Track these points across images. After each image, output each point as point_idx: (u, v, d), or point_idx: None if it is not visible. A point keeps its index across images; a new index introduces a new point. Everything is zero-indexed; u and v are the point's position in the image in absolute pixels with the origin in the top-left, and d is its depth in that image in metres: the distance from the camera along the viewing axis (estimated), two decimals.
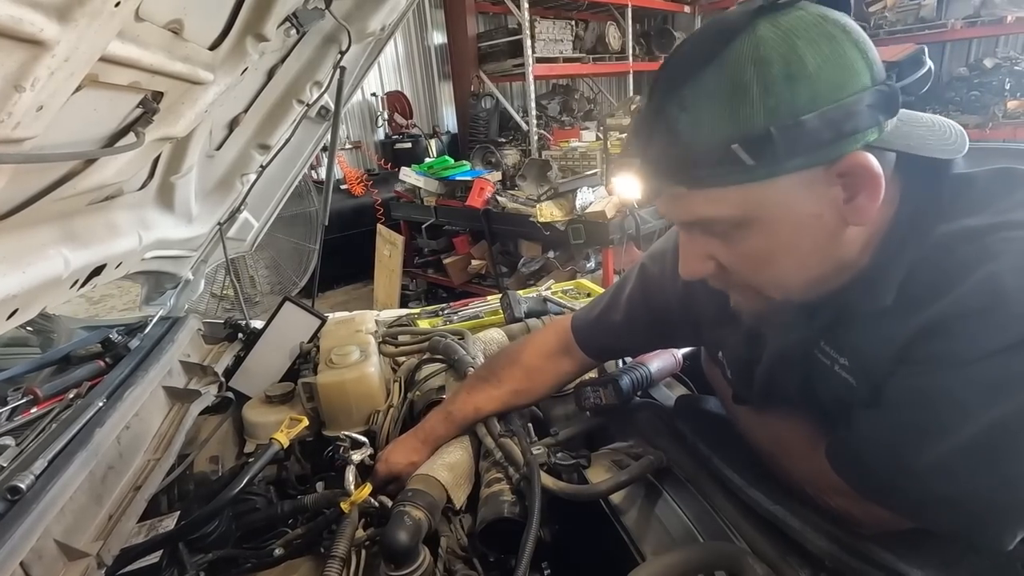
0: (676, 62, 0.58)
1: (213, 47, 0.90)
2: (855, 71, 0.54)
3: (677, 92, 0.56)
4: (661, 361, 1.19)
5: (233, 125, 1.30)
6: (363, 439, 1.04)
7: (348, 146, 6.23)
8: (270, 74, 1.26)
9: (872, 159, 0.55)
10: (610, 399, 1.07)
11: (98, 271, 1.05)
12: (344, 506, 0.92)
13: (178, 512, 0.97)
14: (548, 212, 3.76)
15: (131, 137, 0.82)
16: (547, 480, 0.90)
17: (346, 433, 1.05)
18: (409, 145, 6.04)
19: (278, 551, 0.95)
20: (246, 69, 1.02)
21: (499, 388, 1.06)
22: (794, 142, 0.52)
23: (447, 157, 5.06)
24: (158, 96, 0.84)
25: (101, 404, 0.99)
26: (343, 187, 5.46)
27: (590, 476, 0.98)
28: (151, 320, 1.40)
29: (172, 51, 0.76)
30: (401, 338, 1.50)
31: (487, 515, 0.89)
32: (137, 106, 0.81)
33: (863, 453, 0.66)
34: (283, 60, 1.25)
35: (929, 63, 0.58)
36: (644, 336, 1.02)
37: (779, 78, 0.52)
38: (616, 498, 0.94)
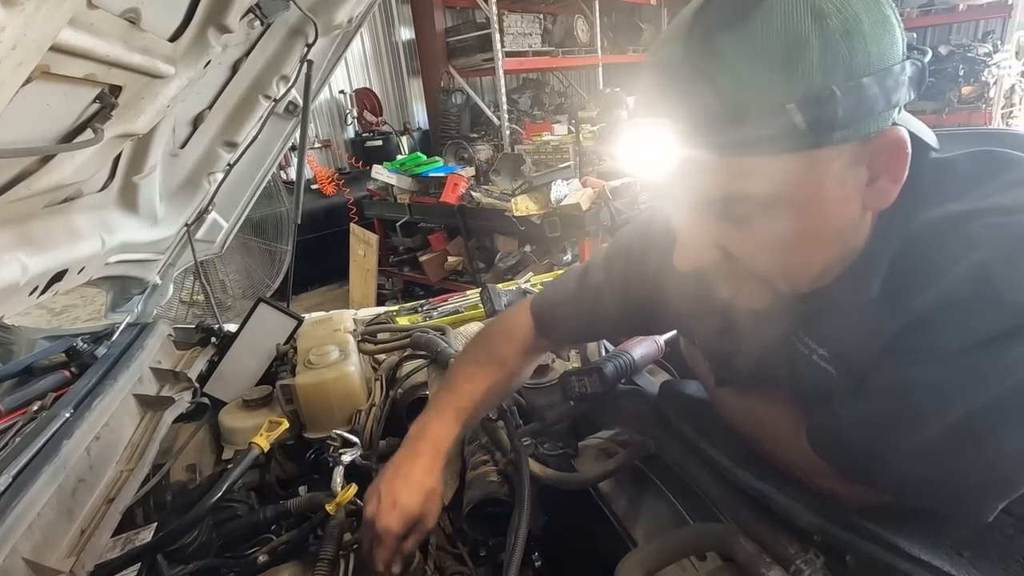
0: (710, 7, 0.51)
1: (173, 39, 0.86)
2: (897, 39, 0.50)
3: (714, 42, 0.49)
4: (644, 348, 1.19)
5: (197, 122, 1.25)
6: (354, 439, 1.01)
7: (317, 145, 6.11)
8: (234, 68, 1.21)
9: (907, 136, 0.52)
10: (595, 387, 1.06)
11: (59, 277, 1.00)
12: (329, 508, 0.90)
13: (155, 524, 0.93)
14: (523, 206, 3.76)
15: (88, 134, 0.78)
16: (535, 467, 0.89)
17: (337, 432, 1.02)
18: (380, 143, 5.96)
19: (262, 558, 0.93)
20: (209, 62, 0.98)
21: (502, 371, 0.96)
22: (853, 106, 0.48)
23: (419, 154, 5.01)
24: (116, 90, 0.80)
25: (68, 415, 0.95)
26: (314, 187, 5.36)
27: (578, 466, 0.98)
28: (118, 327, 1.35)
29: (129, 42, 0.73)
30: (381, 336, 1.47)
31: (474, 496, 0.87)
32: (94, 101, 0.78)
33: (846, 440, 0.65)
34: (247, 54, 1.20)
35: (930, 51, 0.55)
36: (613, 329, 1.00)
37: (838, 33, 0.47)
38: (605, 486, 0.94)
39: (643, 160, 0.57)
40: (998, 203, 0.54)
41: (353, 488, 0.91)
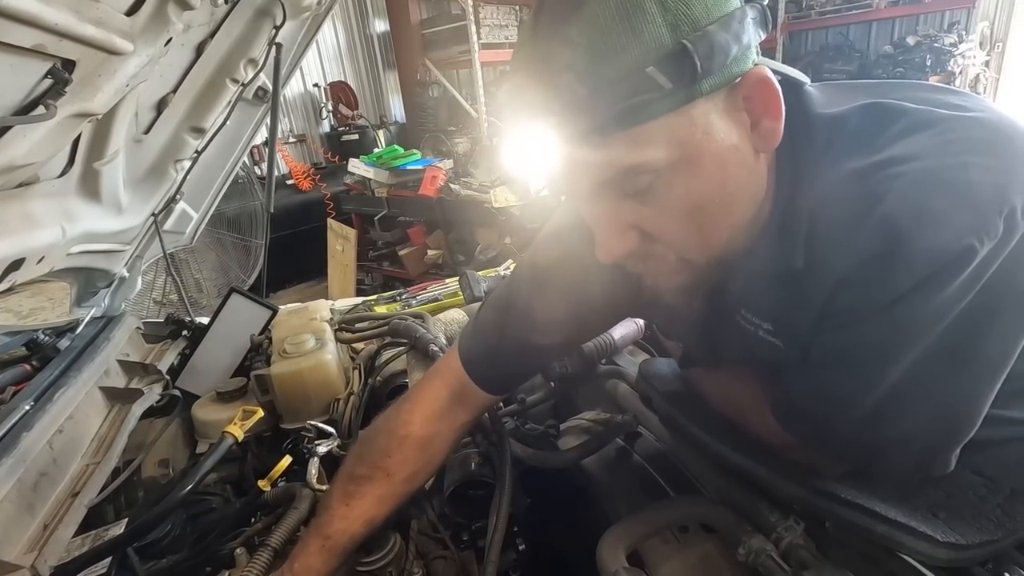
0: (547, 5, 0.53)
1: (130, 12, 0.82)
2: None
3: (563, 33, 0.50)
4: (624, 328, 1.19)
5: (161, 106, 1.21)
6: (330, 429, 1.00)
7: (292, 140, 6.00)
8: (199, 50, 1.17)
9: (769, 72, 0.53)
10: (576, 367, 1.06)
11: (16, 266, 0.96)
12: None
13: (126, 520, 0.90)
14: (503, 197, 3.75)
15: (40, 110, 0.74)
16: (517, 448, 0.88)
17: (312, 423, 1.00)
18: (356, 137, 5.87)
19: (239, 551, 0.90)
20: (170, 40, 0.94)
21: (389, 482, 0.81)
22: (707, 55, 0.49)
23: (396, 147, 4.95)
24: (69, 65, 0.76)
25: (28, 407, 0.91)
26: (289, 182, 5.25)
27: (560, 446, 0.97)
28: (83, 320, 1.30)
29: (81, 11, 0.69)
30: (358, 324, 1.45)
31: (455, 477, 0.86)
32: (46, 76, 0.74)
33: (807, 412, 0.66)
34: (212, 35, 1.16)
35: None
36: (554, 351, 0.91)
37: None
38: (587, 464, 0.94)
39: (532, 161, 0.58)
40: (894, 153, 0.55)
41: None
